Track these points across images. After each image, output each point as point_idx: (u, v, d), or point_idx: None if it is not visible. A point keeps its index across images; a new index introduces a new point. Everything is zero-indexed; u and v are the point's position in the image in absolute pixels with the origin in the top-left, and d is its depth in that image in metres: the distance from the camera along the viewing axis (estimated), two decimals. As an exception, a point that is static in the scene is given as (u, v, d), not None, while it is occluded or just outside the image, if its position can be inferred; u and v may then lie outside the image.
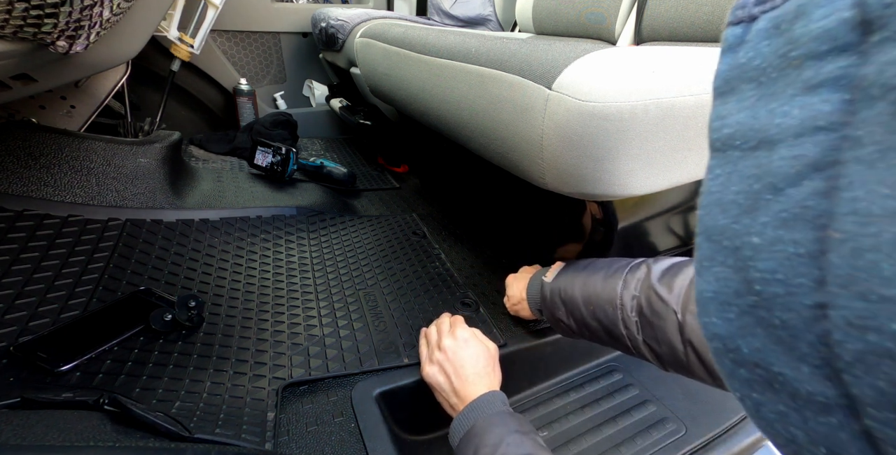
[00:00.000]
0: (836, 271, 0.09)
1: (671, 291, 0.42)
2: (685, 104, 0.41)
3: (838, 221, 0.09)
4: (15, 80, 0.63)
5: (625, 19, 1.01)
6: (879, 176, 0.08)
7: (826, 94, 0.09)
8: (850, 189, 0.09)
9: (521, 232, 0.86)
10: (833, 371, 0.09)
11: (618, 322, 0.46)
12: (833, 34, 0.09)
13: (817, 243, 0.09)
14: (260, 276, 0.76)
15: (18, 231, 0.67)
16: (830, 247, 0.09)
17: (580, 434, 0.59)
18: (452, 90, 0.58)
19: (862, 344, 0.08)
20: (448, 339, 0.54)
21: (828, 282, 0.09)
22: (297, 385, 0.57)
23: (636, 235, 0.64)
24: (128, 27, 0.72)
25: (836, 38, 0.09)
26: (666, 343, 0.42)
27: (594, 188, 0.45)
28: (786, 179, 0.10)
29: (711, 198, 0.12)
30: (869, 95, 0.09)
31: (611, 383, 0.67)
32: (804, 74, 0.10)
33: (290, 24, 1.53)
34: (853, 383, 0.09)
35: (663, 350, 0.42)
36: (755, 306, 0.10)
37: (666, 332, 0.42)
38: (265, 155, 1.08)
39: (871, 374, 0.08)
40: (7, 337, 0.53)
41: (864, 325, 0.08)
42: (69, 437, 0.38)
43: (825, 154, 0.09)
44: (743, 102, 0.11)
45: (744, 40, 0.11)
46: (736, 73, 0.11)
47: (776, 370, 0.10)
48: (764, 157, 0.10)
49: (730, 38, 0.12)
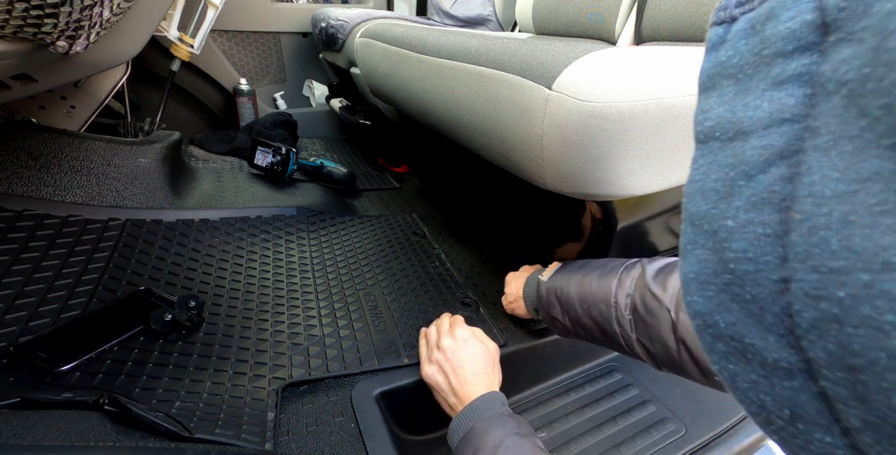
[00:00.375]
0: (796, 249, 0.10)
1: (665, 290, 0.42)
2: (685, 104, 0.41)
3: (799, 203, 0.10)
4: (15, 80, 0.63)
5: (625, 19, 1.01)
6: (832, 162, 0.09)
7: (791, 89, 0.10)
8: (809, 174, 0.10)
9: (521, 232, 0.86)
10: (794, 339, 0.10)
11: (612, 320, 0.46)
12: (797, 35, 0.10)
13: (782, 224, 0.10)
14: (260, 276, 0.76)
15: (18, 231, 0.67)
16: (792, 227, 0.10)
17: (580, 434, 0.59)
18: (452, 90, 0.58)
19: (816, 312, 0.09)
20: (447, 339, 0.54)
21: (789, 258, 0.10)
22: (297, 385, 0.57)
23: (636, 235, 0.64)
24: (128, 27, 0.72)
25: (800, 38, 0.10)
26: (659, 341, 0.42)
27: (594, 188, 0.45)
28: (756, 167, 0.11)
29: (694, 186, 0.13)
30: (826, 90, 0.09)
31: (611, 383, 0.67)
32: (773, 71, 0.11)
33: (290, 24, 1.53)
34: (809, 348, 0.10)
35: (657, 348, 0.43)
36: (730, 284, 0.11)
37: (659, 330, 0.42)
38: (265, 155, 1.08)
39: (823, 338, 0.09)
40: (7, 337, 0.53)
41: (818, 294, 0.09)
42: (69, 437, 0.38)
43: (790, 143, 0.10)
44: (723, 97, 0.12)
45: (725, 40, 0.12)
46: (717, 70, 0.12)
47: (748, 341, 0.11)
48: (739, 147, 0.11)
49: (713, 37, 0.13)
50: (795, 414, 0.11)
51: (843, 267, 0.09)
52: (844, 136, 0.09)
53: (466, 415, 0.47)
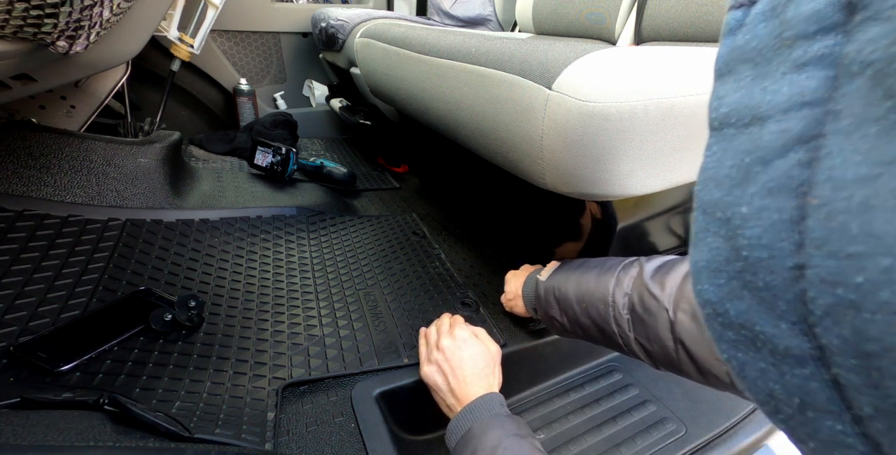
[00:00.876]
0: (813, 234, 0.09)
1: (664, 289, 0.42)
2: (685, 104, 0.41)
3: (817, 189, 0.09)
4: (15, 80, 0.63)
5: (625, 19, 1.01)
6: (854, 145, 0.09)
7: (812, 72, 0.10)
8: (829, 158, 0.09)
9: (521, 232, 0.86)
10: (808, 326, 0.10)
11: (609, 319, 0.46)
12: (821, 15, 0.10)
13: (798, 210, 0.10)
14: (260, 276, 0.76)
15: (18, 231, 0.67)
16: (809, 212, 0.10)
17: (580, 434, 0.59)
18: (452, 90, 0.58)
19: (832, 298, 0.09)
20: (447, 339, 0.54)
21: (805, 244, 0.10)
22: (297, 385, 0.57)
23: (636, 235, 0.64)
24: (128, 27, 0.72)
25: (824, 18, 0.10)
26: (657, 341, 0.42)
27: (594, 188, 0.45)
28: (773, 152, 0.10)
29: (707, 174, 0.12)
30: (850, 72, 0.09)
31: (611, 383, 0.67)
32: (794, 54, 0.10)
33: (290, 24, 1.53)
34: (823, 335, 0.10)
35: (654, 348, 0.42)
36: (742, 271, 0.11)
37: (657, 329, 0.42)
38: (265, 155, 1.08)
39: (838, 325, 0.09)
40: (7, 337, 0.53)
41: (834, 280, 0.09)
42: (69, 437, 0.38)
43: (809, 127, 0.10)
44: (740, 82, 0.12)
45: (743, 23, 0.12)
46: (735, 55, 0.12)
47: (759, 329, 0.11)
48: (755, 133, 0.11)
49: (730, 21, 0.12)
50: (805, 402, 0.10)
51: (862, 252, 0.09)
52: (868, 118, 0.09)
53: (465, 415, 0.47)
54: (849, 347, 0.09)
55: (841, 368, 0.09)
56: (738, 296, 0.11)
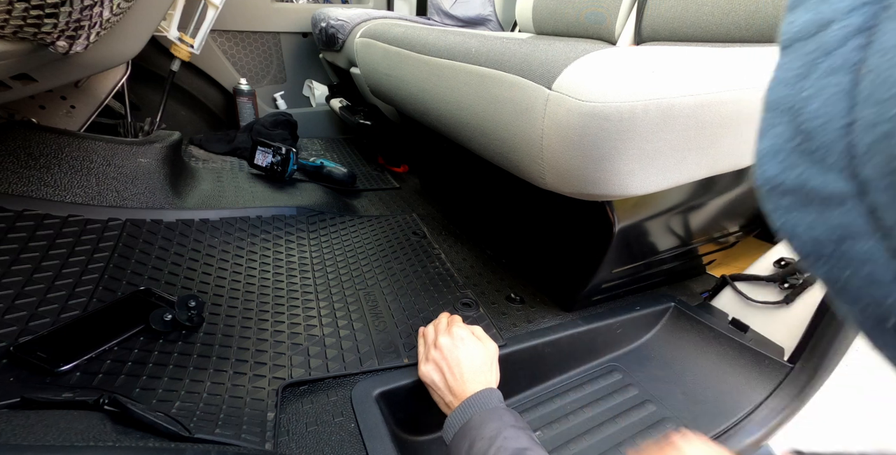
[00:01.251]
0: (862, 94, 0.11)
1: None
2: (685, 104, 0.41)
3: (868, 61, 0.11)
4: (15, 80, 0.63)
5: (625, 19, 1.01)
6: None
7: None
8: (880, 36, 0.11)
9: (521, 232, 0.86)
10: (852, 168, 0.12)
11: None
12: None
13: (852, 82, 0.12)
14: (260, 276, 0.76)
15: (18, 231, 0.67)
16: (861, 79, 0.11)
17: (580, 434, 0.59)
18: (452, 90, 0.58)
19: (872, 136, 0.11)
20: (444, 338, 0.54)
21: (857, 105, 0.11)
22: (297, 385, 0.57)
23: (635, 235, 0.64)
24: (128, 27, 0.72)
25: None
26: None
27: (594, 188, 0.45)
28: (836, 43, 0.12)
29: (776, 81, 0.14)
30: None
31: (611, 383, 0.67)
32: None
33: (290, 24, 1.53)
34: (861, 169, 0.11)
35: None
36: (800, 144, 0.13)
37: None
38: (265, 155, 1.08)
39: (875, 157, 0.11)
40: (7, 337, 0.53)
41: (875, 121, 0.11)
42: (69, 437, 0.38)
43: (868, 21, 0.12)
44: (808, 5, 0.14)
45: None
46: None
47: (810, 186, 0.13)
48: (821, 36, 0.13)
49: None
50: (843, 236, 0.12)
51: None
52: None
53: (463, 409, 0.47)
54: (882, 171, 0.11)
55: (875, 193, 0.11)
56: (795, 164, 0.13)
